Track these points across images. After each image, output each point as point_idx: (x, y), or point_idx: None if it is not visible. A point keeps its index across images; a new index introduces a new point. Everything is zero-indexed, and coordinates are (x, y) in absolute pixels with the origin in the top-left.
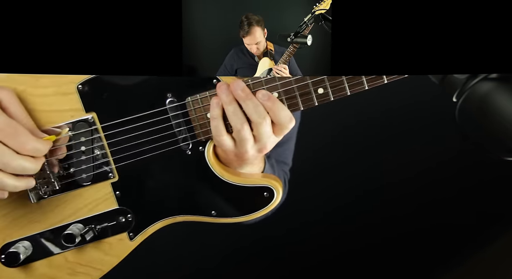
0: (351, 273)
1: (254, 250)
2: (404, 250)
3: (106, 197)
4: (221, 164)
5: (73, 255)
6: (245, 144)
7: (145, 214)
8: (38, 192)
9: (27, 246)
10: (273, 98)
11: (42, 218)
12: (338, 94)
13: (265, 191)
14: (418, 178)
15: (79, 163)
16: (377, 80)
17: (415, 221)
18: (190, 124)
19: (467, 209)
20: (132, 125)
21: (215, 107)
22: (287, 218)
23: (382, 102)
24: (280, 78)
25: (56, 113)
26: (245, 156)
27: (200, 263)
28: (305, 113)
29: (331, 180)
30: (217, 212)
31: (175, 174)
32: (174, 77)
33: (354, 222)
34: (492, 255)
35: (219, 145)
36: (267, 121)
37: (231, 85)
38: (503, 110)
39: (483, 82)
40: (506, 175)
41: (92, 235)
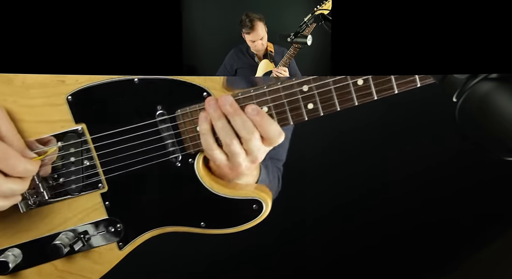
0: (351, 273)
1: (252, 250)
2: (404, 250)
3: (95, 207)
4: (210, 176)
5: (63, 264)
6: (237, 157)
7: (135, 224)
8: (27, 201)
9: (16, 254)
10: (261, 113)
11: (32, 227)
12: (328, 110)
13: (254, 203)
14: (418, 178)
15: (69, 174)
16: (367, 96)
17: (414, 221)
18: (179, 137)
19: (467, 209)
20: (121, 137)
21: (203, 121)
22: (288, 215)
23: (382, 102)
24: (270, 92)
25: (46, 124)
26: (239, 169)
27: (191, 267)
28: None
29: (331, 179)
30: (206, 223)
31: (164, 185)
32: (166, 82)
33: (354, 221)
34: (491, 255)
35: (211, 159)
36: (256, 136)
37: (219, 100)
38: (503, 110)
39: (483, 82)
40: (506, 175)
41: (81, 245)
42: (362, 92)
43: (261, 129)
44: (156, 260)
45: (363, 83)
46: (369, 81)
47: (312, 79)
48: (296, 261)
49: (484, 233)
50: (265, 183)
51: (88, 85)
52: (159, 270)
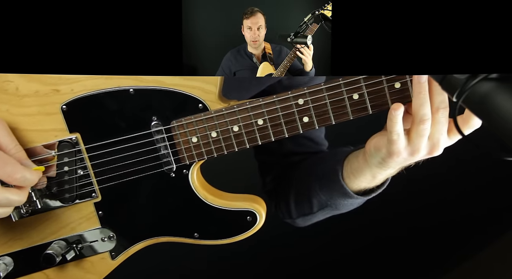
0: (351, 273)
1: (251, 250)
2: (403, 250)
3: (88, 216)
4: (205, 187)
5: (54, 273)
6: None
7: (128, 234)
8: (20, 210)
9: (7, 263)
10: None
11: (24, 236)
12: (323, 124)
13: (248, 215)
14: (417, 178)
15: (62, 183)
16: (363, 112)
17: (414, 221)
18: (174, 148)
19: (467, 209)
20: (116, 147)
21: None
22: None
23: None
24: (266, 105)
25: (40, 133)
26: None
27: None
28: None
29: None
30: (199, 234)
31: (158, 196)
32: (162, 93)
33: (351, 222)
34: (492, 255)
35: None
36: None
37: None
38: (503, 110)
39: (483, 82)
40: (506, 175)
41: (74, 254)
42: (357, 107)
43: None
44: (151, 259)
45: (358, 97)
46: (364, 96)
47: (308, 92)
48: (294, 262)
49: (484, 232)
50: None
51: (83, 94)
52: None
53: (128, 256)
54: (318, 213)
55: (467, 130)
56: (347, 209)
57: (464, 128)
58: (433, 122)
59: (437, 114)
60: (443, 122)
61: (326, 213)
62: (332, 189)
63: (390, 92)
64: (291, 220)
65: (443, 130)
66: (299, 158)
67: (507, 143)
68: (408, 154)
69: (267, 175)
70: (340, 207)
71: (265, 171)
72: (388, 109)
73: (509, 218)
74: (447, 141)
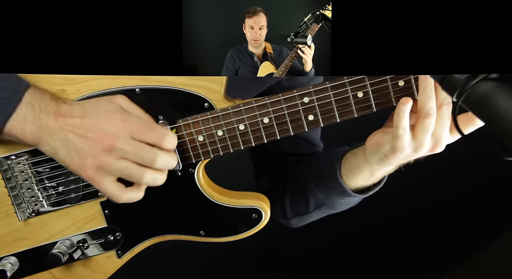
0: (352, 273)
1: (251, 251)
2: (403, 250)
3: (94, 215)
4: (211, 185)
5: (60, 272)
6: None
7: (134, 233)
8: (26, 210)
9: (13, 262)
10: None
11: (30, 236)
12: (328, 122)
13: (253, 212)
14: (417, 178)
15: (68, 183)
16: (367, 109)
17: (414, 221)
18: (180, 147)
19: (467, 209)
20: None
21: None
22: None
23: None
24: (272, 103)
25: None
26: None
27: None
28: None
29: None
30: (205, 232)
31: (164, 194)
32: (168, 92)
33: (351, 222)
34: (491, 255)
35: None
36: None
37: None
38: (503, 110)
39: (483, 82)
40: (506, 175)
41: (80, 253)
42: (361, 105)
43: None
44: (154, 258)
45: (363, 95)
46: (369, 94)
47: (313, 91)
48: (296, 261)
49: (484, 233)
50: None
51: (88, 94)
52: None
53: (134, 255)
54: (314, 212)
55: (471, 128)
56: (344, 208)
57: (468, 127)
58: (437, 118)
59: (440, 110)
60: (446, 118)
61: (322, 212)
62: (330, 187)
63: (394, 90)
64: (285, 221)
65: (446, 126)
66: (296, 159)
67: (507, 143)
68: (411, 150)
69: (262, 176)
70: (337, 206)
71: (260, 172)
72: (392, 107)
73: (509, 218)
74: (449, 138)
